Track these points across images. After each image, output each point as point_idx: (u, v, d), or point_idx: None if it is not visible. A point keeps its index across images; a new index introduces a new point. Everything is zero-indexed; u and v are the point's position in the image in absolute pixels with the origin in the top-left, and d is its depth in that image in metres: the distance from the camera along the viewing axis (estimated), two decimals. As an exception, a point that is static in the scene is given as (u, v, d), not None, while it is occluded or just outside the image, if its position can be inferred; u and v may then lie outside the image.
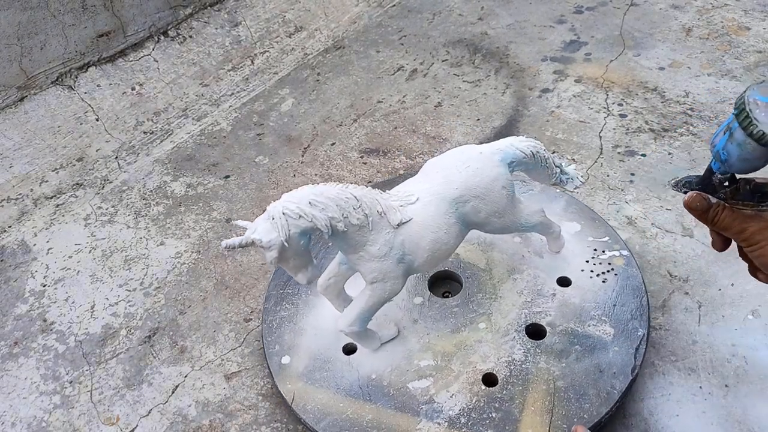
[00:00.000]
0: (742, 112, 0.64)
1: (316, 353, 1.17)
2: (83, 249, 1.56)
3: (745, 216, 0.72)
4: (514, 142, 1.12)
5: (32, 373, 1.29)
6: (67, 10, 1.82)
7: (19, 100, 1.81)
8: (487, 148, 1.10)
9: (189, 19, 2.14)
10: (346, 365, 1.14)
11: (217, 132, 1.90)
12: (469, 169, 1.05)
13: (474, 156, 1.07)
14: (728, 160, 0.68)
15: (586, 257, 1.26)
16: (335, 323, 1.11)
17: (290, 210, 0.91)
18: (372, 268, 1.01)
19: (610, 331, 1.13)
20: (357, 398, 1.08)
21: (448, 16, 2.33)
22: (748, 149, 0.66)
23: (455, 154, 1.09)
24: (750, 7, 2.16)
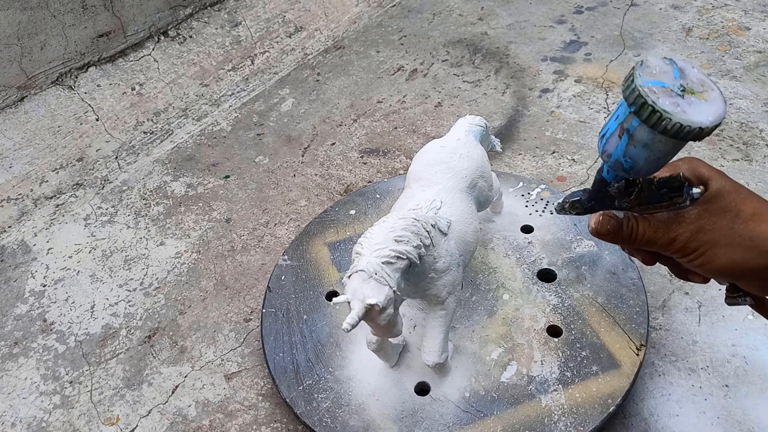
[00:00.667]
0: (644, 107, 0.51)
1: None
2: (83, 249, 1.56)
3: (666, 222, 0.59)
4: (471, 120, 1.20)
5: (32, 373, 1.29)
6: (67, 10, 1.82)
7: (19, 100, 1.81)
8: (459, 134, 1.15)
9: (189, 19, 2.14)
10: (429, 404, 1.08)
11: (217, 132, 1.90)
12: (464, 156, 1.10)
13: (457, 144, 1.12)
14: (634, 166, 0.56)
15: (523, 203, 1.39)
16: (426, 359, 1.04)
17: (387, 257, 0.87)
18: (444, 283, 0.98)
19: (591, 243, 1.29)
20: (471, 420, 1.03)
21: (448, 16, 2.33)
22: (659, 147, 0.53)
23: (439, 151, 1.11)
24: (750, 7, 2.16)
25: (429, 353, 1.03)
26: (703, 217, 0.58)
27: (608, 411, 1.02)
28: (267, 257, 1.47)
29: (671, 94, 0.51)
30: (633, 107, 0.52)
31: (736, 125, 1.70)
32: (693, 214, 0.58)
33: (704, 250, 0.58)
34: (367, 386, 1.10)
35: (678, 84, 0.52)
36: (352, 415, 1.06)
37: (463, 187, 1.08)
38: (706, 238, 0.57)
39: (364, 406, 1.07)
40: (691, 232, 0.58)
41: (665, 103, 0.51)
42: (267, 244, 1.51)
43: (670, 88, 0.52)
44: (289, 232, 1.53)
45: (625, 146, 0.55)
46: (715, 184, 0.59)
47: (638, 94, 0.51)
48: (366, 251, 0.88)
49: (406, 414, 1.05)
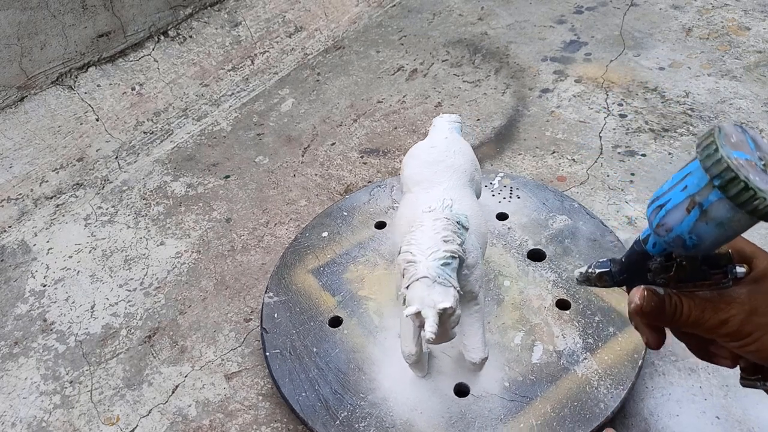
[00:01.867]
0: (734, 183, 0.44)
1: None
2: (83, 249, 1.56)
3: (713, 302, 0.53)
4: (448, 118, 1.23)
5: (32, 373, 1.29)
6: (67, 10, 1.82)
7: (19, 100, 1.81)
8: (444, 132, 1.18)
9: (189, 19, 2.14)
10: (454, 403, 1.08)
11: (217, 132, 1.90)
12: (458, 153, 1.12)
13: (448, 142, 1.14)
14: (699, 244, 0.49)
15: (489, 193, 1.44)
16: (472, 357, 1.03)
17: (443, 258, 0.86)
18: (475, 278, 0.98)
19: (564, 217, 1.36)
20: (520, 408, 1.04)
21: (448, 16, 2.33)
22: (736, 226, 0.47)
23: (431, 151, 1.12)
24: (750, 7, 2.16)
25: (475, 350, 1.01)
26: (756, 299, 0.52)
27: (638, 365, 1.08)
28: (267, 257, 1.47)
29: (756, 169, 0.45)
30: (718, 180, 0.45)
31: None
32: (743, 294, 0.52)
33: (760, 334, 0.51)
34: (406, 402, 1.07)
35: (757, 156, 0.47)
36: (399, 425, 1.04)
37: (465, 182, 1.10)
38: (762, 321, 0.51)
39: (411, 422, 1.05)
40: (745, 314, 0.52)
41: (756, 179, 0.44)
42: (267, 244, 1.51)
43: (753, 161, 0.46)
44: (289, 232, 1.53)
45: (694, 222, 0.48)
46: (762, 262, 0.54)
47: (726, 167, 0.44)
48: (420, 257, 0.86)
49: (455, 419, 1.04)
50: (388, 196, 1.48)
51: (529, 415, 1.03)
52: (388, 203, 1.46)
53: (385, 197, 1.47)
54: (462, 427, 1.03)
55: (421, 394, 1.08)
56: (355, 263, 1.32)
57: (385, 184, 1.51)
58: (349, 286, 1.28)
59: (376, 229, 1.39)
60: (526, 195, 1.43)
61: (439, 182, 1.07)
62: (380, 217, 1.42)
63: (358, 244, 1.36)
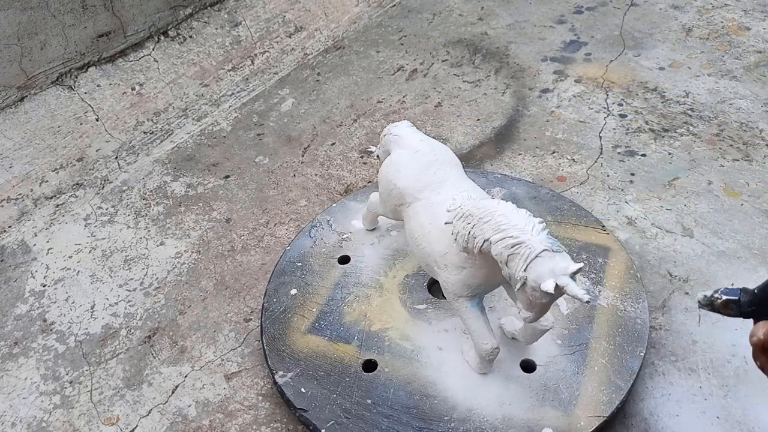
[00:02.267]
0: None
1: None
2: (83, 249, 1.56)
3: None
4: (405, 124, 1.24)
5: (32, 373, 1.29)
6: (67, 10, 1.82)
7: (19, 100, 1.81)
8: (414, 135, 1.20)
9: (189, 19, 2.14)
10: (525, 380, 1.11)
11: (217, 132, 1.90)
12: (442, 148, 1.17)
13: (427, 143, 1.17)
14: None
15: None
16: (545, 324, 1.05)
17: (545, 228, 0.88)
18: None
19: (497, 188, 1.47)
20: (583, 355, 1.14)
21: (448, 16, 2.33)
22: None
23: (418, 156, 1.13)
24: (750, 7, 2.16)
25: (547, 319, 1.03)
26: None
27: (638, 278, 1.25)
28: (267, 257, 1.47)
29: None
30: None
31: (736, 125, 1.70)
32: None
33: None
34: (491, 402, 1.08)
35: None
36: (511, 431, 1.04)
37: (462, 171, 1.13)
38: None
39: (508, 416, 1.05)
40: None
41: None
42: (267, 244, 1.51)
43: None
44: (289, 232, 1.53)
45: None
46: None
47: None
48: (525, 235, 0.86)
49: (541, 391, 1.09)
50: (330, 231, 1.42)
51: (595, 357, 1.12)
52: (335, 238, 1.40)
53: (328, 234, 1.41)
54: (553, 395, 1.08)
55: (497, 388, 1.10)
56: (347, 304, 1.26)
57: (318, 222, 1.44)
58: (357, 327, 1.22)
59: (342, 265, 1.34)
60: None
61: (444, 180, 1.08)
62: (337, 253, 1.37)
63: (335, 285, 1.30)
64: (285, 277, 1.34)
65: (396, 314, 1.24)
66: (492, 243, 0.89)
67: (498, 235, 0.89)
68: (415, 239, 1.09)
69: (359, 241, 1.39)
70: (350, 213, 1.46)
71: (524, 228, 0.87)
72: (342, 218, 1.45)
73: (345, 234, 1.41)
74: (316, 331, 1.23)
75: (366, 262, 1.34)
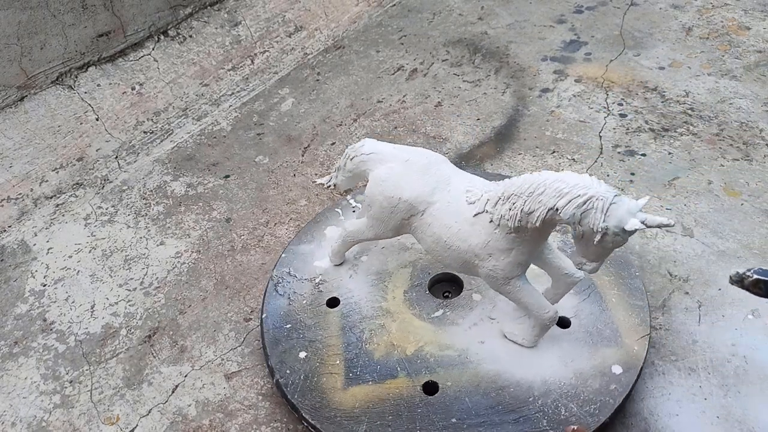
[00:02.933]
0: None
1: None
2: (83, 249, 1.56)
3: None
4: (371, 141, 1.20)
5: (32, 372, 1.29)
6: (67, 10, 1.82)
7: (19, 100, 1.81)
8: (387, 147, 1.17)
9: (189, 19, 2.14)
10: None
11: (217, 132, 1.90)
12: (425, 150, 1.16)
13: (408, 150, 1.16)
14: None
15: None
16: (587, 268, 1.08)
17: (595, 179, 0.93)
18: None
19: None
20: (597, 295, 1.22)
21: (448, 16, 2.33)
22: None
23: (408, 164, 1.12)
24: (750, 7, 2.16)
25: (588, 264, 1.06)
26: None
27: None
28: (267, 257, 1.47)
29: None
30: None
31: (736, 125, 1.70)
32: None
33: None
34: (557, 367, 1.13)
35: None
36: (589, 381, 1.10)
37: (450, 163, 1.14)
38: None
39: (579, 371, 1.12)
40: None
41: None
42: (267, 243, 1.51)
43: None
44: (289, 231, 1.53)
45: None
46: None
47: None
48: (591, 189, 0.91)
49: (588, 336, 1.16)
50: (298, 282, 1.32)
51: (607, 291, 1.22)
52: (308, 286, 1.31)
53: (298, 285, 1.31)
54: (598, 337, 1.16)
55: (553, 353, 1.15)
56: (368, 342, 1.20)
57: (279, 277, 1.33)
58: (393, 358, 1.17)
59: (335, 308, 1.27)
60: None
61: (447, 177, 1.08)
62: (320, 299, 1.28)
63: (342, 330, 1.23)
64: (282, 344, 1.21)
65: (421, 330, 1.20)
66: (560, 209, 0.92)
67: (563, 200, 0.91)
68: (444, 242, 1.06)
69: (336, 279, 1.32)
70: (306, 257, 1.37)
71: (586, 185, 0.91)
72: (301, 265, 1.35)
73: (316, 278, 1.32)
74: (355, 381, 1.14)
75: (357, 295, 1.28)
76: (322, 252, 1.37)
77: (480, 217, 1.03)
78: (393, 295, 1.27)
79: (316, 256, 1.36)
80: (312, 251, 1.37)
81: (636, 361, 1.11)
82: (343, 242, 1.28)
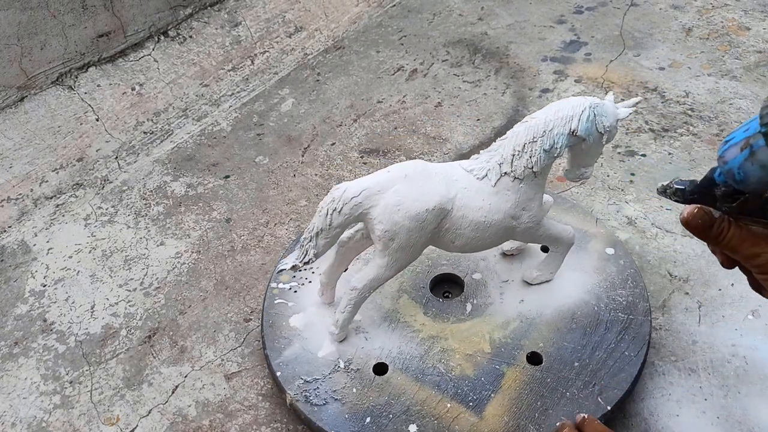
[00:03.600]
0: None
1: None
2: (83, 249, 1.56)
3: (757, 236, 0.61)
4: (354, 183, 1.11)
5: (32, 373, 1.29)
6: (67, 10, 1.82)
7: (19, 100, 1.81)
8: (381, 173, 1.10)
9: (189, 19, 2.14)
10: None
11: (217, 132, 1.90)
12: (409, 162, 1.13)
13: (395, 168, 1.10)
14: (744, 180, 0.58)
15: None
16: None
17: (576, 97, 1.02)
18: None
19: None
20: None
21: (448, 16, 2.33)
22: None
23: (411, 171, 1.08)
24: (750, 7, 2.16)
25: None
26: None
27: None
28: (267, 257, 1.48)
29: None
30: (764, 128, 0.54)
31: (736, 125, 1.70)
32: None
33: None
34: (579, 277, 1.23)
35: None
36: (608, 270, 1.23)
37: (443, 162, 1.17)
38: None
39: (598, 267, 1.26)
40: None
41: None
42: (267, 244, 1.51)
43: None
44: (289, 232, 1.53)
45: (743, 160, 0.57)
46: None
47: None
48: (584, 102, 0.99)
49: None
50: (331, 378, 1.11)
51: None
52: (342, 377, 1.10)
53: (332, 383, 1.10)
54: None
55: (569, 274, 1.24)
56: (450, 371, 1.09)
57: (307, 393, 1.10)
58: (482, 363, 1.10)
59: (384, 374, 1.10)
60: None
61: (442, 170, 1.07)
62: (365, 371, 1.11)
63: (418, 382, 1.08)
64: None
65: (472, 329, 1.15)
66: (576, 129, 1.00)
67: (574, 122, 0.99)
68: (484, 223, 1.04)
69: (350, 351, 1.14)
70: (300, 350, 1.17)
71: (578, 102, 0.99)
72: (310, 367, 1.14)
73: (335, 363, 1.13)
74: (480, 405, 1.04)
75: (387, 345, 1.13)
76: (300, 317, 1.20)
77: (501, 183, 1.04)
78: (419, 322, 1.18)
79: (321, 340, 1.16)
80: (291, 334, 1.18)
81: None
82: (356, 303, 1.09)
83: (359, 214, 1.03)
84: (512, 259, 1.30)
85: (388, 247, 1.04)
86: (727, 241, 0.62)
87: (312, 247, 1.05)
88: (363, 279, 1.07)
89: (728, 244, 0.63)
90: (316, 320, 1.20)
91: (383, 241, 1.03)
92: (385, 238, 1.03)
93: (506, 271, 1.27)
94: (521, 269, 1.27)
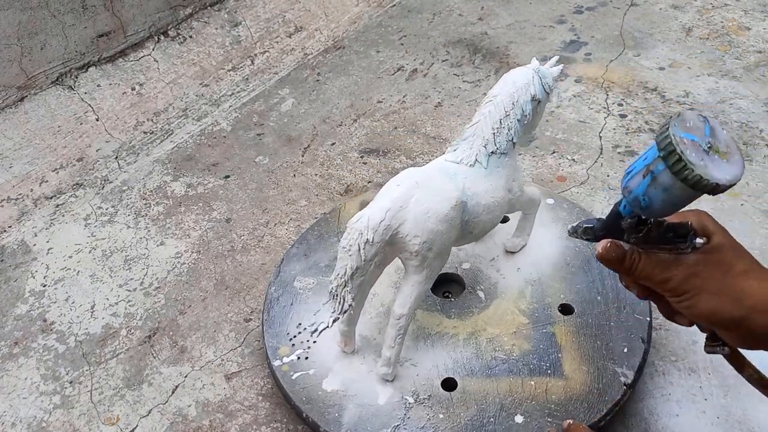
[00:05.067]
0: (672, 155, 0.56)
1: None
2: (83, 249, 1.56)
3: (665, 262, 0.64)
4: (367, 215, 1.03)
5: (32, 373, 1.29)
6: (67, 10, 1.82)
7: (19, 100, 1.81)
8: (387, 196, 1.04)
9: (189, 19, 2.14)
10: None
11: (217, 132, 1.90)
12: (401, 174, 1.09)
13: (394, 183, 1.07)
14: (651, 206, 0.61)
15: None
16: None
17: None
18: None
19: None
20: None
21: (448, 16, 2.33)
22: (676, 194, 0.58)
23: (415, 179, 1.06)
24: (750, 7, 2.16)
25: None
26: (699, 265, 0.63)
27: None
28: (267, 257, 1.48)
29: (698, 149, 0.57)
30: (662, 153, 0.57)
31: (736, 125, 1.70)
32: (691, 260, 0.64)
33: (693, 294, 0.63)
34: (557, 230, 1.30)
35: (707, 141, 0.58)
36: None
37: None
38: (697, 283, 0.63)
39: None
40: (684, 275, 0.63)
41: (692, 155, 0.56)
42: (267, 244, 1.51)
43: (699, 143, 0.57)
44: (289, 232, 1.53)
45: (647, 186, 0.60)
46: (717, 238, 0.65)
47: (669, 142, 0.56)
48: (530, 69, 1.09)
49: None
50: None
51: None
52: (420, 409, 1.03)
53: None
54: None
55: (548, 229, 1.30)
56: (508, 354, 1.10)
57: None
58: (529, 341, 1.11)
59: (454, 389, 1.06)
60: None
61: (438, 167, 1.07)
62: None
63: (490, 377, 1.07)
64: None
65: (502, 314, 1.15)
66: (535, 94, 1.07)
67: (532, 88, 1.07)
68: (492, 204, 1.06)
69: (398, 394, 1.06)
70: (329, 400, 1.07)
71: (525, 71, 1.08)
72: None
73: (410, 396, 1.04)
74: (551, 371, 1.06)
75: (451, 358, 1.10)
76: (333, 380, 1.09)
77: (491, 163, 1.07)
78: (450, 326, 1.14)
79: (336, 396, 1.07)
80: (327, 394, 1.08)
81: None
82: (404, 331, 1.03)
83: (390, 237, 0.96)
84: (484, 239, 1.31)
85: (426, 258, 0.99)
86: (640, 270, 0.65)
87: (348, 291, 0.96)
88: (405, 302, 1.00)
89: (641, 273, 0.66)
90: (351, 374, 1.09)
91: (421, 255, 0.98)
92: (423, 250, 0.97)
93: (486, 251, 1.30)
94: (497, 245, 1.30)
